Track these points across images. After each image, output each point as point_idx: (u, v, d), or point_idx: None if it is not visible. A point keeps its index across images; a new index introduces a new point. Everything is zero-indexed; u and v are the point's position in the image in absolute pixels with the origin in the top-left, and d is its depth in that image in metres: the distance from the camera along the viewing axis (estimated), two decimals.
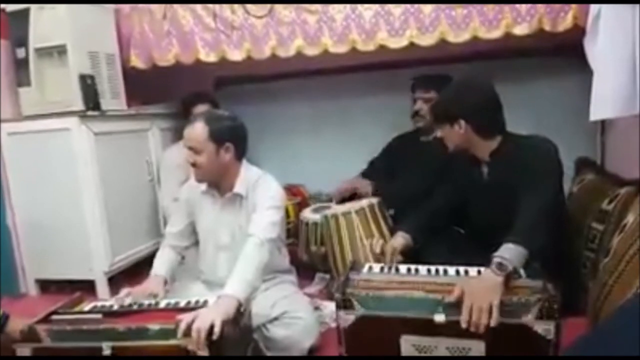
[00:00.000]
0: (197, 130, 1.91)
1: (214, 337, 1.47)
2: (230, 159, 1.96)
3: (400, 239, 2.05)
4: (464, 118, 1.95)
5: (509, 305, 1.51)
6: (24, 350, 1.54)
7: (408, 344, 1.59)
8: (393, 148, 2.94)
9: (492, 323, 1.46)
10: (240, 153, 2.01)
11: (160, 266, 2.04)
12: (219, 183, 2.03)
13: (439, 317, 1.54)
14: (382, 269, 1.90)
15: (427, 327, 1.55)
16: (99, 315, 1.66)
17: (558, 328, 1.48)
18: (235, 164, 2.00)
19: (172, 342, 1.48)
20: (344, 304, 1.63)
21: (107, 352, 1.48)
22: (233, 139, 1.96)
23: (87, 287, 2.59)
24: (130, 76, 3.04)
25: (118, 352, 1.49)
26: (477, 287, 1.53)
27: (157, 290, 1.89)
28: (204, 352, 1.46)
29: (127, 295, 1.83)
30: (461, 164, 2.12)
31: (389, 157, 2.89)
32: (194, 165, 1.94)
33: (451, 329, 1.53)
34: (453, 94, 2.03)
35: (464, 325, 1.49)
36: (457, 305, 1.52)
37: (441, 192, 2.23)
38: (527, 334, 1.49)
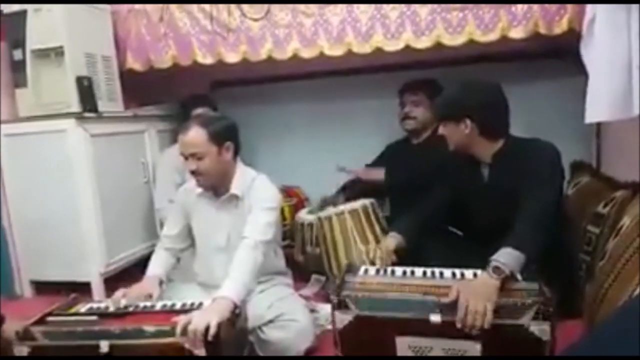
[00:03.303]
0: (196, 134, 1.89)
1: (210, 337, 1.47)
2: (230, 159, 1.97)
3: (393, 240, 2.05)
4: (470, 117, 1.94)
5: (505, 307, 1.52)
6: (22, 349, 1.54)
7: (404, 345, 1.58)
8: (386, 155, 2.95)
9: (485, 325, 1.47)
10: (237, 152, 2.01)
11: (156, 267, 2.04)
12: (216, 185, 2.02)
13: (435, 318, 1.54)
14: (377, 271, 1.90)
15: (422, 329, 1.56)
16: (95, 317, 1.66)
17: (553, 329, 1.48)
18: (232, 163, 2.00)
19: (168, 339, 1.49)
20: (340, 306, 1.63)
21: (104, 349, 1.48)
22: (231, 137, 1.96)
23: (83, 289, 2.58)
24: (128, 78, 3.04)
25: (115, 351, 1.49)
26: (473, 290, 1.53)
27: (153, 290, 1.88)
28: (200, 352, 1.46)
29: (123, 296, 1.83)
30: (459, 165, 2.11)
31: (382, 164, 2.89)
32: (195, 172, 1.92)
33: (447, 331, 1.53)
34: (462, 92, 2.00)
35: (458, 325, 1.50)
36: (453, 307, 1.52)
37: (436, 193, 2.22)
38: (522, 336, 1.49)
